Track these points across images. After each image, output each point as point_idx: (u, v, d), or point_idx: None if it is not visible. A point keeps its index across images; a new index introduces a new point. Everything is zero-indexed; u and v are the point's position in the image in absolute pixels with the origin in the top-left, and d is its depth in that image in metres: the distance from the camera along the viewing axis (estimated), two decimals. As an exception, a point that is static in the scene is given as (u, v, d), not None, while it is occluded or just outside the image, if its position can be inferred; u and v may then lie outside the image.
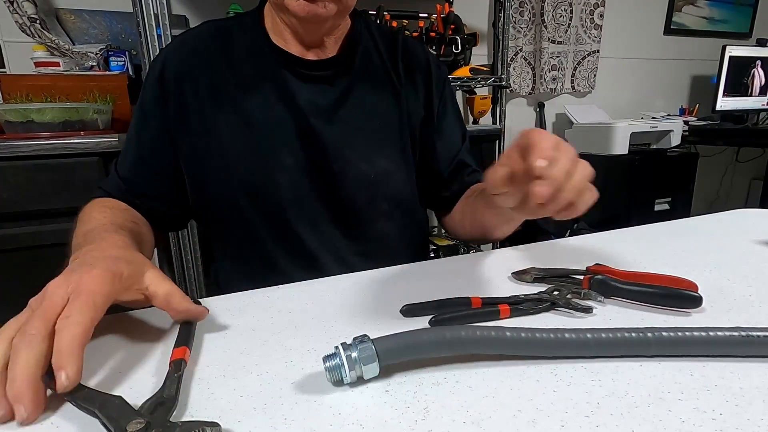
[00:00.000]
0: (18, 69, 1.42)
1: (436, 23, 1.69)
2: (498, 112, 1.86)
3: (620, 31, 2.41)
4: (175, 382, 0.28)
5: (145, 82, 0.60)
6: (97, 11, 1.51)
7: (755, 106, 2.43)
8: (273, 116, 0.58)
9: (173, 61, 0.59)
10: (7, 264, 1.05)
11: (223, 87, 0.58)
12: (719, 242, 0.55)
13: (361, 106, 0.62)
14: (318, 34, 0.59)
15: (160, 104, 0.58)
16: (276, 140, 0.58)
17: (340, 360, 0.27)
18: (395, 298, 0.40)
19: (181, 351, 0.31)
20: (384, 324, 0.36)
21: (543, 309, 0.37)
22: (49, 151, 1.03)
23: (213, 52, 0.59)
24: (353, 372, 0.27)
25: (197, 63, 0.59)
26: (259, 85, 0.59)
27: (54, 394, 0.26)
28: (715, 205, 2.88)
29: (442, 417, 0.25)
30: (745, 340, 0.29)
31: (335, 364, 0.27)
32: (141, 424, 0.23)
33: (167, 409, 0.25)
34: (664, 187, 2.11)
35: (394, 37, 0.67)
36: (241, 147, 0.58)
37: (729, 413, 0.24)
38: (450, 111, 0.69)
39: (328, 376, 0.28)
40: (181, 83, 0.58)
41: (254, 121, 0.58)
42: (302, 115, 0.59)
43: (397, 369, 0.29)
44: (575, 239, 0.59)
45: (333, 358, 0.28)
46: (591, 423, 0.24)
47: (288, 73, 0.59)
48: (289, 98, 0.59)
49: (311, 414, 0.25)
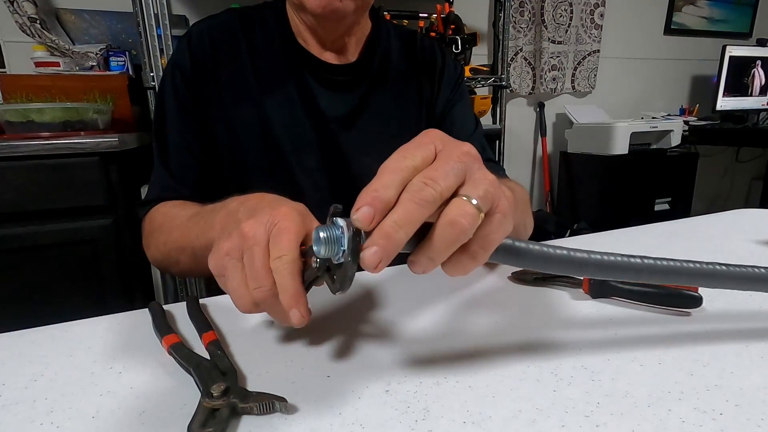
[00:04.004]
0: (18, 69, 1.43)
1: (436, 23, 1.69)
2: (498, 112, 1.86)
3: (620, 31, 2.41)
4: (224, 357, 0.29)
5: (171, 72, 0.58)
6: (97, 11, 1.51)
7: (755, 106, 2.43)
8: (293, 118, 0.58)
9: (198, 50, 0.58)
10: (7, 264, 1.05)
11: (244, 82, 0.58)
12: (719, 242, 0.55)
13: (380, 113, 0.62)
14: (337, 33, 0.58)
15: (192, 90, 0.57)
16: (297, 142, 0.59)
17: (339, 230, 0.23)
18: (395, 298, 0.40)
19: (210, 335, 0.33)
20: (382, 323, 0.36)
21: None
22: (49, 151, 1.03)
23: (236, 45, 0.58)
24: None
25: (220, 55, 0.58)
26: (280, 84, 0.58)
27: (161, 350, 0.31)
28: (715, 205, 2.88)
29: (442, 417, 0.25)
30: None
31: (333, 235, 0.23)
32: (222, 387, 0.25)
33: (233, 378, 0.27)
34: (664, 187, 2.11)
35: (412, 38, 0.67)
36: (259, 144, 0.58)
37: (729, 413, 0.24)
38: (463, 103, 0.69)
39: (322, 250, 0.23)
40: (204, 72, 0.57)
41: (274, 120, 0.58)
42: (322, 120, 0.59)
43: (397, 369, 0.29)
44: (575, 239, 0.59)
45: (331, 228, 0.24)
46: (591, 423, 0.24)
47: (309, 76, 0.59)
48: (309, 101, 0.59)
49: (311, 414, 0.25)
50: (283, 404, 0.25)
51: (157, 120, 0.60)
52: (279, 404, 0.25)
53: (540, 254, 0.25)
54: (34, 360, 0.33)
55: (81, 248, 1.10)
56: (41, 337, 0.36)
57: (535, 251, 0.25)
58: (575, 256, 0.26)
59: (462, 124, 0.68)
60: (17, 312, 1.06)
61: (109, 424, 0.25)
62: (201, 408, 0.24)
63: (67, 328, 0.37)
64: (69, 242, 1.08)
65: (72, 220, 1.08)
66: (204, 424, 0.23)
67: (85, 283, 1.11)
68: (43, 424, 0.25)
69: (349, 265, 0.23)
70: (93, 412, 0.26)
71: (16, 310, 1.06)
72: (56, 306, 1.09)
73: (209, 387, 0.25)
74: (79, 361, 0.32)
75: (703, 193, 2.76)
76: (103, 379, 0.30)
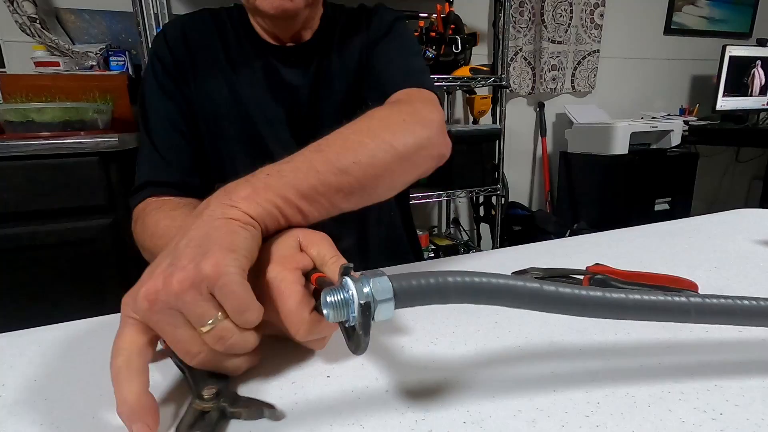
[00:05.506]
0: (18, 69, 1.43)
1: (436, 23, 1.69)
2: (498, 112, 1.86)
3: (620, 31, 2.41)
4: None
5: (150, 63, 0.63)
6: (97, 11, 1.51)
7: (755, 106, 2.43)
8: (261, 93, 0.64)
9: (172, 39, 0.63)
10: (7, 264, 1.05)
11: (215, 62, 0.63)
12: (719, 242, 0.55)
13: (335, 79, 0.65)
14: (292, 30, 0.63)
15: (170, 74, 0.62)
16: (267, 114, 0.64)
17: (348, 294, 0.22)
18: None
19: None
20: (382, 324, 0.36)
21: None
22: (49, 151, 1.03)
23: (207, 34, 0.64)
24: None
25: (194, 41, 0.64)
26: (247, 64, 0.64)
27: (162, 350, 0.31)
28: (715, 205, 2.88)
29: (442, 417, 0.24)
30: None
31: (342, 299, 0.22)
32: (213, 390, 0.25)
33: (225, 381, 0.27)
34: (664, 187, 2.11)
35: (360, 8, 0.70)
36: (234, 120, 0.63)
37: (729, 413, 0.24)
38: (388, 38, 0.66)
39: (331, 314, 0.23)
40: (180, 56, 0.63)
41: (244, 97, 0.63)
42: (288, 93, 0.64)
43: (397, 369, 0.29)
44: (575, 239, 0.59)
45: (339, 292, 0.23)
46: (591, 423, 0.24)
47: (271, 58, 0.64)
48: (273, 77, 0.64)
49: (311, 414, 0.25)
50: (271, 411, 0.25)
51: (141, 107, 0.63)
52: (267, 411, 0.25)
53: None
54: (34, 360, 0.33)
55: (81, 248, 1.10)
56: (41, 337, 0.36)
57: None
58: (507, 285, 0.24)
59: (387, 59, 0.64)
60: (17, 312, 1.07)
61: (109, 424, 0.25)
62: (191, 409, 0.24)
63: (67, 328, 0.37)
64: (69, 242, 1.08)
65: (72, 219, 1.08)
66: (192, 426, 0.23)
67: (85, 283, 1.11)
68: (43, 425, 0.25)
69: (361, 336, 0.23)
70: (92, 413, 0.26)
71: (16, 310, 1.06)
72: (56, 306, 1.09)
73: (201, 389, 0.25)
74: (79, 361, 0.32)
75: (703, 193, 2.76)
76: (102, 380, 0.30)
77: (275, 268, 0.28)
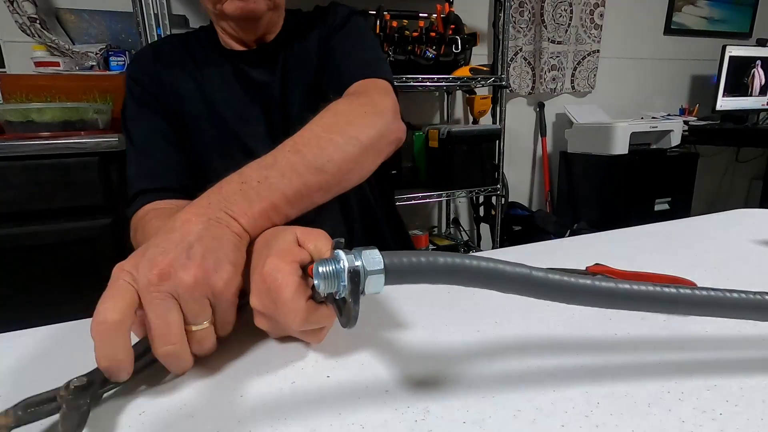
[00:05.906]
0: (18, 69, 1.43)
1: (436, 23, 1.69)
2: (498, 112, 1.86)
3: (620, 31, 2.41)
4: None
5: (127, 85, 0.66)
6: (97, 11, 1.51)
7: (755, 106, 2.43)
8: (232, 94, 0.66)
9: (143, 59, 0.68)
10: (7, 264, 1.05)
11: (186, 71, 0.67)
12: (719, 242, 0.55)
13: (300, 75, 0.67)
14: (257, 33, 0.66)
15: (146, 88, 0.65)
16: (242, 114, 0.66)
17: (340, 265, 0.23)
18: (394, 299, 0.40)
19: None
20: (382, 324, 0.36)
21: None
22: (49, 151, 1.03)
23: (176, 51, 0.69)
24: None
25: (163, 59, 0.67)
26: (217, 71, 0.67)
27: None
28: (715, 205, 2.88)
29: (442, 417, 0.24)
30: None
31: (332, 270, 0.23)
32: (84, 380, 0.24)
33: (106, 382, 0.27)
34: (664, 187, 2.11)
35: (315, 7, 0.73)
36: (209, 122, 0.65)
37: (729, 413, 0.24)
38: (343, 32, 0.67)
39: (322, 285, 0.23)
40: (151, 72, 0.66)
41: (215, 98, 0.66)
42: (258, 92, 0.66)
43: (397, 369, 0.29)
44: (575, 239, 0.59)
45: (330, 263, 0.23)
46: (591, 423, 0.24)
47: (239, 63, 0.67)
48: (243, 78, 0.67)
49: (311, 414, 0.25)
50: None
51: (124, 127, 0.65)
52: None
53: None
54: (34, 360, 0.33)
55: (80, 248, 1.10)
56: (41, 337, 0.36)
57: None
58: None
59: (343, 51, 0.66)
60: (17, 312, 1.06)
61: (109, 424, 0.25)
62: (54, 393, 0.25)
63: (67, 328, 0.37)
64: (68, 242, 1.08)
65: (71, 219, 1.08)
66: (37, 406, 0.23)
67: (85, 282, 1.11)
68: (43, 424, 0.25)
69: (351, 306, 0.23)
70: (93, 413, 0.26)
71: (16, 310, 1.06)
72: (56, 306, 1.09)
73: (74, 380, 0.25)
74: (79, 361, 0.32)
75: (703, 193, 2.76)
76: (103, 379, 0.30)
77: (273, 261, 0.29)
